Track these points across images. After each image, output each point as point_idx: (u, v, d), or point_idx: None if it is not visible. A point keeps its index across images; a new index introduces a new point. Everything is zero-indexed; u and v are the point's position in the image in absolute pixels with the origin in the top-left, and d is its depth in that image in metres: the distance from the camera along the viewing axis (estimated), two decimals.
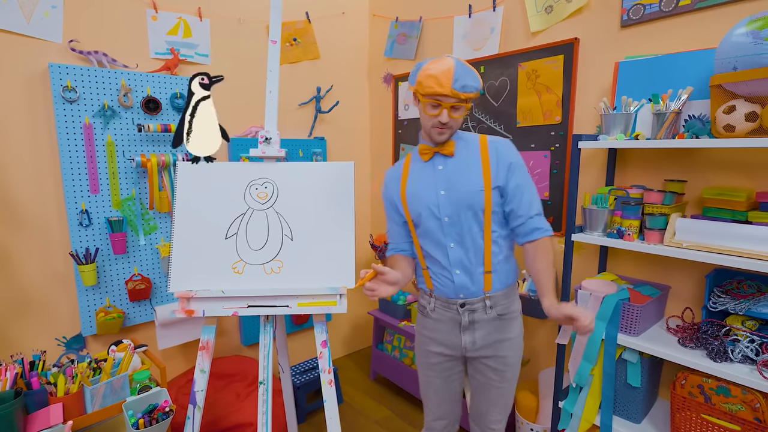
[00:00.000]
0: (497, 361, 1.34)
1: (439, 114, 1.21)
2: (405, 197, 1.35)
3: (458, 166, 1.29)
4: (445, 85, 1.16)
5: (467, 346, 1.34)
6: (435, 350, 1.39)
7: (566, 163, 1.91)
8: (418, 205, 1.32)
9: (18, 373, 1.14)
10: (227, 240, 1.45)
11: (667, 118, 1.39)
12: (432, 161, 1.33)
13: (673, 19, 1.55)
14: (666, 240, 1.39)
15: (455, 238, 1.30)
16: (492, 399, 1.39)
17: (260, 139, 1.52)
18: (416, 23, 2.52)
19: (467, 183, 1.26)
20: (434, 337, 1.38)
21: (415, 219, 1.35)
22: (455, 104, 1.20)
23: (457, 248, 1.30)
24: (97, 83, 1.86)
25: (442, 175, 1.30)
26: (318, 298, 1.41)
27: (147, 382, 1.28)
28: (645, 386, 1.52)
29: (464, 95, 1.18)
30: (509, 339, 1.34)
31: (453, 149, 1.29)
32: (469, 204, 1.26)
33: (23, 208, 1.80)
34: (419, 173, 1.34)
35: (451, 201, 1.28)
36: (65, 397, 1.12)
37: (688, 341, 1.41)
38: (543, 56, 1.94)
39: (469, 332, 1.33)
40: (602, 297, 1.52)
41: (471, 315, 1.32)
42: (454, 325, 1.34)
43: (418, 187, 1.33)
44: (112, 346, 1.36)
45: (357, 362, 2.94)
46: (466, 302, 1.31)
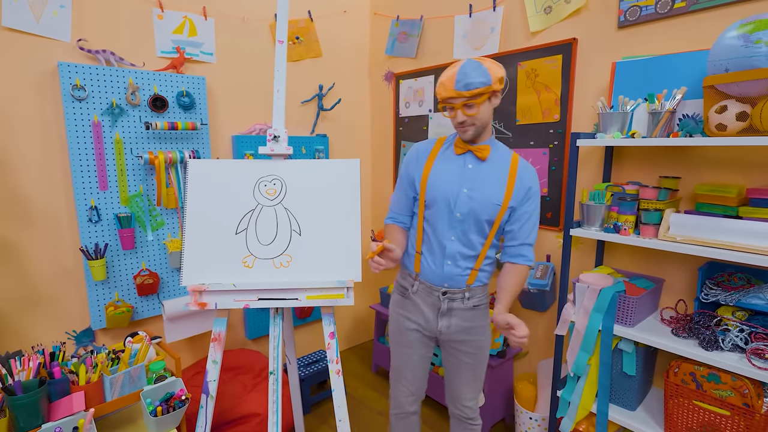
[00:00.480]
0: (470, 345, 1.48)
1: (455, 115, 1.32)
2: (427, 178, 1.43)
3: (487, 173, 1.38)
4: (449, 89, 1.27)
5: (442, 330, 1.47)
6: (412, 327, 1.51)
7: (564, 160, 1.97)
8: (437, 191, 1.40)
9: (41, 363, 1.19)
10: (237, 235, 1.49)
11: (662, 117, 1.45)
12: (463, 157, 1.41)
13: (669, 21, 1.61)
14: (660, 234, 1.44)
15: (458, 234, 1.39)
16: (465, 379, 1.52)
17: (269, 137, 1.56)
18: (417, 22, 2.56)
19: (490, 193, 1.36)
20: (411, 317, 1.51)
21: (429, 202, 1.42)
22: (466, 102, 1.28)
23: (456, 243, 1.40)
24: (105, 82, 1.89)
25: (470, 174, 1.39)
26: (326, 291, 1.46)
27: (162, 372, 1.33)
28: (640, 375, 1.58)
29: (469, 93, 1.25)
30: (481, 326, 1.48)
31: (487, 155, 1.38)
32: (484, 211, 1.36)
33: (34, 205, 1.84)
34: (447, 163, 1.42)
35: (470, 202, 1.36)
36: (86, 386, 1.16)
37: (682, 331, 1.47)
38: (542, 56, 1.99)
39: (446, 318, 1.46)
40: (599, 289, 1.58)
41: (450, 303, 1.44)
42: (433, 309, 1.46)
43: (444, 176, 1.40)
44: (128, 338, 1.40)
45: (359, 355, 3.00)
46: (448, 291, 1.43)
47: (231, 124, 2.36)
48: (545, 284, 1.95)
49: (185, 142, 2.13)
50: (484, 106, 1.30)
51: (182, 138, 2.12)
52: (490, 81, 1.26)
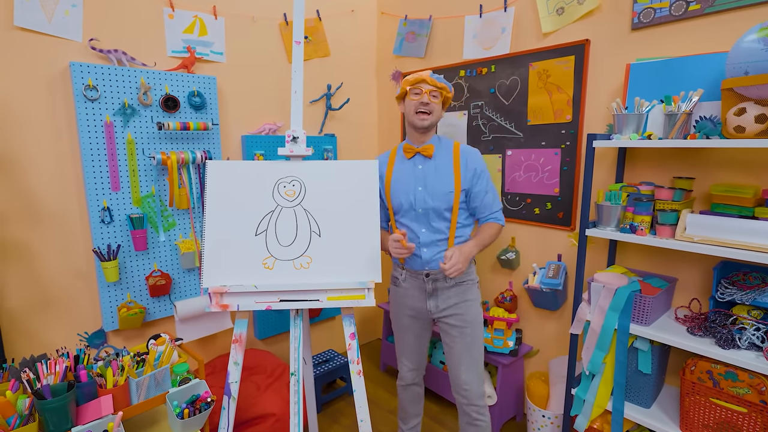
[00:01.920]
0: (457, 318, 1.63)
1: (421, 97, 1.54)
2: (389, 188, 1.65)
3: (435, 168, 1.61)
4: (424, 75, 1.55)
5: (432, 309, 1.65)
6: (407, 313, 1.71)
7: (576, 160, 1.98)
8: (399, 196, 1.63)
9: (67, 366, 1.18)
10: (257, 236, 1.49)
11: (679, 119, 1.46)
12: (413, 160, 1.64)
13: (683, 23, 1.62)
14: (677, 235, 1.46)
15: (426, 225, 1.61)
16: (459, 356, 1.65)
17: (287, 138, 1.56)
18: (426, 22, 2.56)
19: (441, 184, 1.58)
20: (405, 303, 1.71)
21: (396, 207, 1.64)
22: (433, 90, 1.54)
23: (427, 233, 1.61)
24: (117, 82, 1.88)
25: (421, 173, 1.62)
26: (347, 292, 1.46)
27: (186, 374, 1.33)
28: (654, 373, 1.60)
29: (440, 84, 1.55)
30: (466, 300, 1.64)
31: (432, 152, 1.60)
32: (441, 200, 1.57)
33: (46, 206, 1.82)
34: (402, 169, 1.65)
35: (426, 196, 1.59)
36: (114, 389, 1.16)
37: (697, 330, 1.49)
38: (554, 57, 2.00)
39: (432, 298, 1.65)
40: (615, 289, 1.60)
41: (434, 284, 1.63)
42: (421, 292, 1.66)
43: (401, 180, 1.63)
44: (151, 340, 1.40)
45: (367, 354, 3.01)
46: (430, 273, 1.62)
47: (240, 123, 2.35)
48: (558, 283, 1.97)
49: (196, 143, 2.12)
50: (440, 105, 1.59)
51: (193, 138, 2.11)
52: (450, 89, 1.61)
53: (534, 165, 2.14)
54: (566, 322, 2.12)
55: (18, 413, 1.07)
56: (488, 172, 1.64)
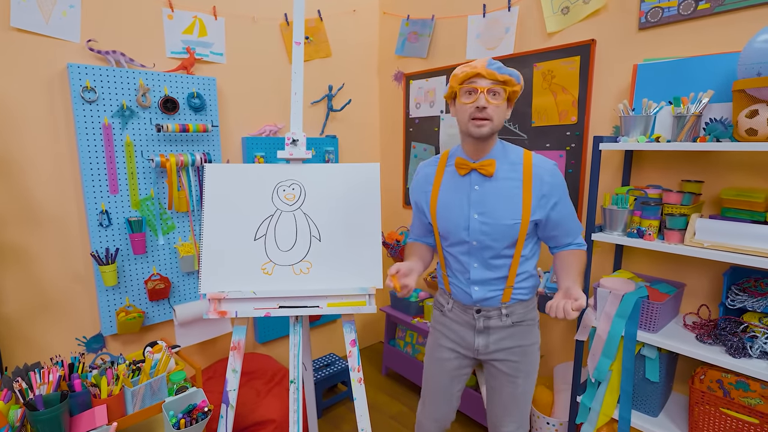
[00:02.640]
0: (509, 366, 1.34)
1: (476, 99, 1.13)
2: (435, 209, 1.31)
3: (497, 190, 1.21)
4: (479, 67, 1.12)
5: (480, 348, 1.35)
6: (447, 345, 1.41)
7: (582, 162, 1.95)
8: (447, 221, 1.29)
9: (61, 375, 1.16)
10: (256, 241, 1.46)
11: (688, 121, 1.43)
12: (468, 177, 1.25)
13: (692, 23, 1.58)
14: (687, 240, 1.43)
15: (480, 260, 1.28)
16: (504, 404, 1.38)
17: (287, 141, 1.53)
18: (428, 21, 2.53)
19: (504, 213, 1.20)
20: (448, 334, 1.41)
21: (443, 233, 1.33)
22: (492, 87, 1.12)
23: (480, 269, 1.29)
24: (115, 83, 1.85)
25: (478, 197, 1.23)
26: (348, 299, 1.43)
27: (183, 383, 1.30)
28: (662, 381, 1.57)
29: (501, 76, 1.12)
30: (522, 346, 1.33)
31: (494, 170, 1.21)
32: (502, 234, 1.22)
33: (44, 209, 1.80)
34: (453, 187, 1.28)
35: (483, 228, 1.23)
36: (108, 399, 1.14)
37: (706, 337, 1.45)
38: (559, 57, 1.97)
39: (483, 335, 1.34)
40: (622, 295, 1.56)
41: (486, 321, 1.33)
42: (469, 327, 1.36)
43: (450, 203, 1.28)
44: (147, 347, 1.37)
45: (368, 358, 2.98)
46: (482, 309, 1.33)
47: (241, 125, 2.32)
48: None
49: (196, 144, 2.10)
50: (504, 104, 1.17)
51: (193, 140, 2.09)
52: (519, 80, 1.17)
53: None
54: (571, 328, 2.08)
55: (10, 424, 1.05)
56: (567, 191, 1.26)
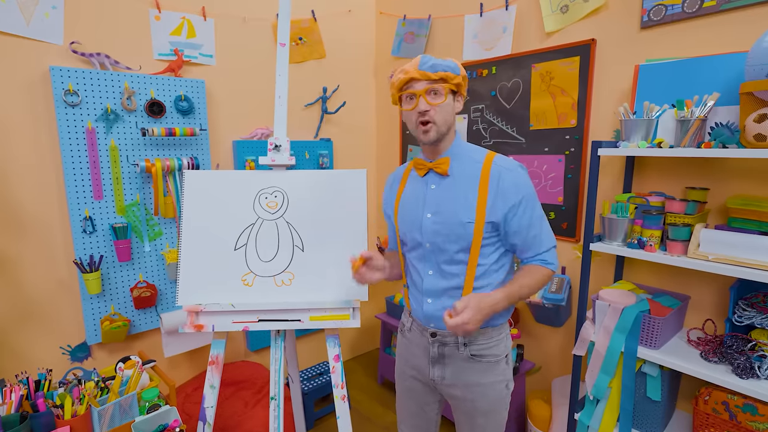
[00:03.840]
0: (467, 404, 1.20)
1: (416, 105, 1.07)
2: (397, 212, 1.25)
3: (451, 189, 1.14)
4: (411, 71, 1.07)
5: (436, 380, 1.21)
6: (410, 373, 1.28)
7: (581, 167, 1.86)
8: (405, 223, 1.21)
9: (23, 395, 1.11)
10: (236, 251, 1.41)
11: (692, 125, 1.34)
12: (426, 177, 1.18)
13: (697, 21, 1.50)
14: (690, 252, 1.34)
15: (434, 266, 1.16)
16: None
17: (270, 146, 1.47)
18: (425, 21, 2.46)
19: (456, 212, 1.11)
20: (409, 360, 1.28)
21: (402, 238, 1.24)
22: (429, 87, 1.06)
23: (434, 277, 1.17)
24: (99, 86, 1.81)
25: (433, 196, 1.16)
26: (331, 312, 1.37)
27: (156, 401, 1.25)
28: (665, 399, 1.48)
29: (435, 75, 1.05)
30: (482, 385, 1.17)
31: (447, 168, 1.13)
32: (455, 234, 1.12)
33: (26, 215, 1.76)
34: (412, 189, 1.22)
35: (435, 227, 1.14)
36: (72, 420, 1.08)
37: (711, 355, 1.37)
38: (558, 57, 1.89)
39: (438, 366, 1.20)
40: (621, 308, 1.48)
41: (441, 348, 1.18)
42: (425, 353, 1.22)
43: (409, 205, 1.21)
44: (119, 363, 1.32)
45: (364, 366, 2.91)
46: (437, 333, 1.18)
47: (232, 128, 2.27)
48: (561, 299, 1.85)
49: (184, 149, 2.05)
50: (449, 101, 1.09)
51: (181, 144, 2.03)
52: (457, 71, 1.08)
53: (536, 172, 2.02)
54: (570, 339, 1.99)
55: None
56: (535, 197, 1.14)
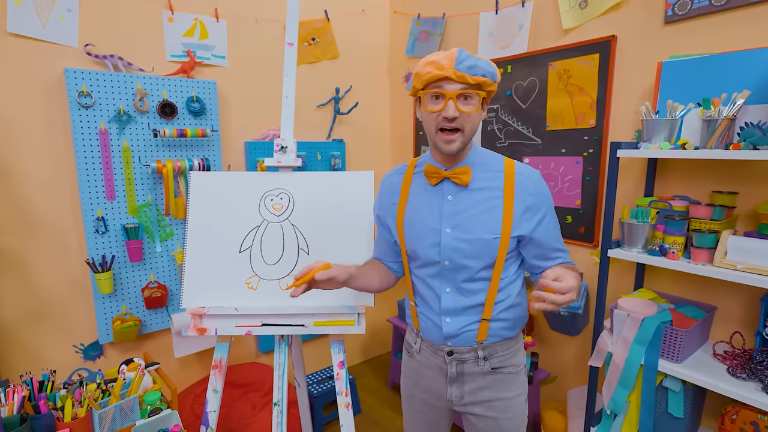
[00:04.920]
0: (488, 423, 1.12)
1: (443, 107, 0.94)
2: (402, 225, 1.11)
3: (473, 201, 1.03)
4: (446, 67, 0.91)
5: (453, 400, 1.13)
6: (420, 396, 1.19)
7: (600, 169, 1.79)
8: (415, 239, 1.08)
9: (26, 396, 1.11)
10: (241, 254, 1.39)
11: (720, 125, 1.26)
12: (440, 187, 1.06)
13: (726, 14, 1.41)
14: (716, 260, 1.26)
15: (453, 284, 1.07)
16: None
17: (276, 147, 1.45)
18: (439, 20, 2.41)
19: (482, 227, 1.02)
20: (419, 382, 1.19)
21: (411, 254, 1.12)
22: (464, 91, 0.92)
23: (452, 295, 1.07)
24: (112, 88, 1.82)
25: (452, 208, 1.04)
26: (335, 317, 1.34)
27: (158, 404, 1.24)
28: (687, 416, 1.40)
29: (473, 79, 0.91)
30: (504, 398, 1.11)
31: (469, 178, 1.02)
32: (480, 251, 1.02)
33: (40, 216, 1.79)
34: (422, 198, 1.08)
35: (457, 244, 1.03)
36: (72, 423, 1.08)
37: (740, 371, 1.28)
38: (576, 55, 1.81)
39: (456, 385, 1.12)
40: (641, 319, 1.40)
41: (460, 366, 1.10)
42: (441, 373, 1.13)
43: (419, 218, 1.08)
44: (122, 366, 1.32)
45: (375, 369, 2.88)
46: (454, 350, 1.10)
47: (243, 129, 2.27)
48: (578, 306, 1.78)
49: (195, 150, 2.05)
50: (476, 107, 0.96)
51: (192, 145, 2.04)
52: (495, 77, 0.95)
53: (553, 174, 1.95)
54: (587, 348, 1.91)
55: None
56: (553, 204, 1.08)
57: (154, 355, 2.08)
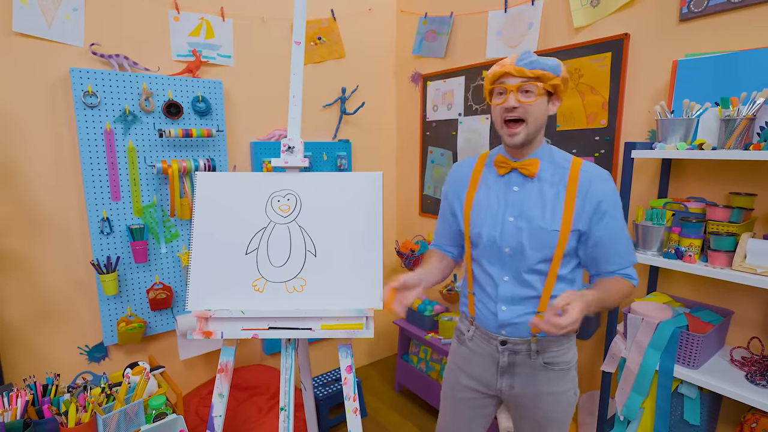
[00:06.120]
0: (537, 414, 1.15)
1: (505, 100, 1.02)
2: (469, 212, 1.16)
3: (537, 193, 1.08)
4: (507, 64, 1.01)
5: (503, 389, 1.16)
6: (466, 383, 1.22)
7: (612, 170, 1.75)
8: (479, 225, 1.14)
9: (29, 400, 1.09)
10: (247, 256, 1.37)
11: (738, 125, 1.23)
12: (508, 177, 1.12)
13: (744, 11, 1.37)
14: (735, 264, 1.22)
15: (512, 272, 1.11)
16: None
17: (283, 147, 1.43)
18: (446, 19, 2.38)
19: (542, 218, 1.06)
20: (467, 370, 1.22)
21: (474, 239, 1.16)
22: (522, 84, 1.00)
23: (511, 283, 1.11)
24: (118, 87, 1.81)
25: (516, 198, 1.09)
26: (343, 321, 1.31)
27: (163, 409, 1.22)
28: (704, 423, 1.36)
29: (532, 72, 0.98)
30: (554, 393, 1.13)
31: (536, 170, 1.07)
32: (539, 241, 1.06)
33: (45, 216, 1.77)
34: (490, 187, 1.14)
35: (518, 232, 1.08)
36: (76, 428, 1.06)
37: (759, 377, 1.25)
38: (587, 54, 1.78)
39: (507, 375, 1.15)
40: (656, 323, 1.37)
41: (512, 356, 1.13)
42: (492, 362, 1.16)
43: (485, 205, 1.13)
44: (127, 369, 1.30)
45: (381, 372, 2.85)
46: (508, 341, 1.13)
47: (249, 129, 2.25)
48: None
49: (201, 150, 2.03)
50: (541, 101, 1.02)
51: (198, 145, 2.02)
52: (558, 72, 1.01)
53: None
54: (597, 352, 1.88)
55: None
56: (621, 209, 1.09)
57: (159, 357, 2.07)
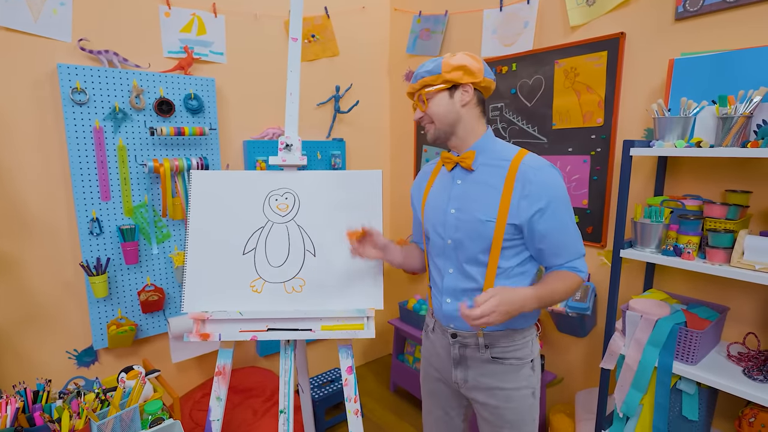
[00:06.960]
0: (490, 411, 1.16)
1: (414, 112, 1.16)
2: (424, 206, 1.23)
3: (476, 186, 1.10)
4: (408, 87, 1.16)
5: (459, 382, 1.19)
6: (435, 375, 1.27)
7: (608, 169, 1.76)
8: (429, 218, 1.20)
9: (20, 408, 1.05)
10: (245, 256, 1.34)
11: (736, 123, 1.24)
12: (453, 173, 1.16)
13: (740, 11, 1.39)
14: (734, 260, 1.24)
15: (455, 264, 1.14)
16: None
17: (280, 145, 1.40)
18: (441, 17, 2.37)
19: (477, 208, 1.08)
20: (432, 362, 1.27)
21: (426, 233, 1.23)
22: (417, 95, 1.12)
23: (454, 276, 1.14)
24: (107, 84, 1.76)
25: (459, 191, 1.13)
26: (344, 321, 1.29)
27: (159, 414, 1.18)
28: (702, 418, 1.38)
29: (417, 84, 1.10)
30: (506, 390, 1.13)
31: (471, 162, 1.11)
32: (475, 232, 1.08)
33: (32, 216, 1.72)
34: (440, 183, 1.20)
35: (457, 223, 1.11)
36: None
37: (756, 372, 1.26)
38: (583, 53, 1.79)
39: (461, 368, 1.17)
40: (655, 320, 1.38)
41: (462, 349, 1.16)
42: (448, 354, 1.20)
43: (435, 200, 1.20)
44: (122, 374, 1.26)
45: (376, 372, 2.83)
46: (457, 333, 1.15)
47: (242, 128, 2.21)
48: (586, 308, 1.75)
49: (193, 148, 1.99)
50: (439, 100, 1.09)
51: (190, 144, 1.98)
52: (438, 70, 1.06)
53: None
54: (595, 350, 1.89)
55: None
56: (565, 200, 1.07)
57: (150, 360, 2.02)
